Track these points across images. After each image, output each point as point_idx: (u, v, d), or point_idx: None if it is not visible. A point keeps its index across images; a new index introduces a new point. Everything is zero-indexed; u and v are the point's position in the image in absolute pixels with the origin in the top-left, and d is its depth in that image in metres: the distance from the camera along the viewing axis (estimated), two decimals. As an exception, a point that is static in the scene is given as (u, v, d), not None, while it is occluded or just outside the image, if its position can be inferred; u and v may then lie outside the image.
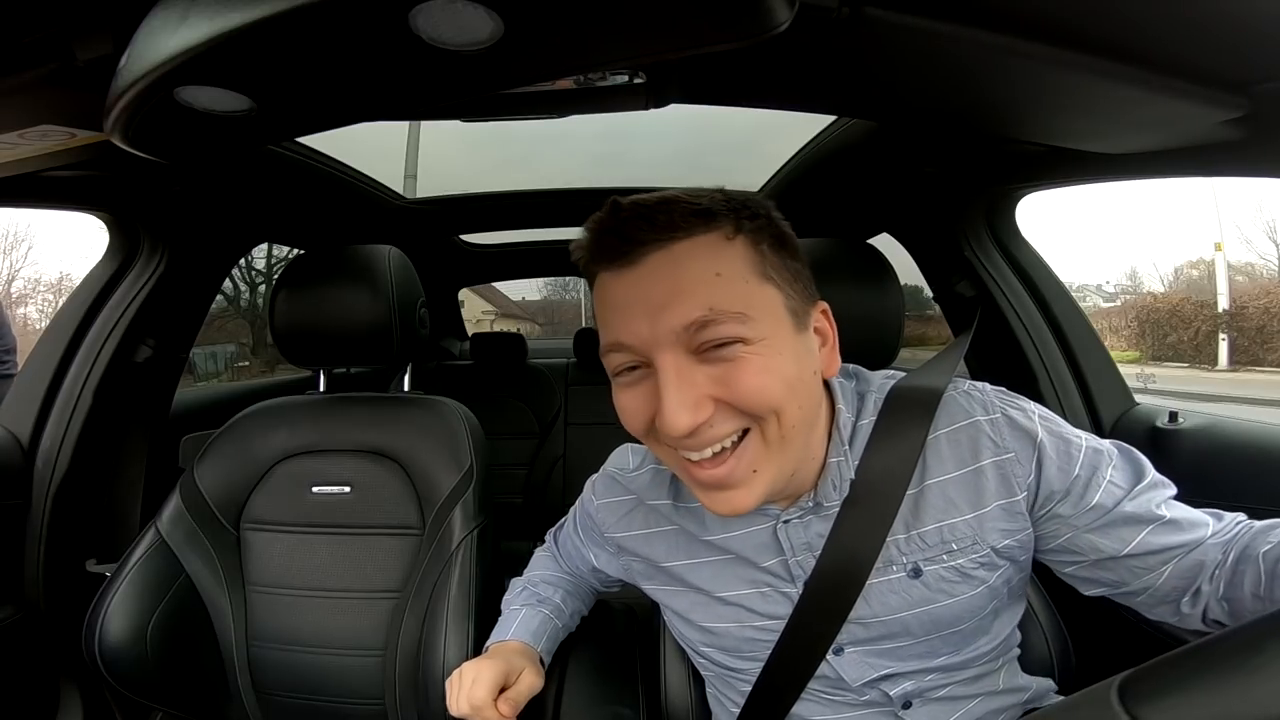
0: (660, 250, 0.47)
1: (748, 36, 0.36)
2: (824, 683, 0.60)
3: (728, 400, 0.47)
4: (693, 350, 0.46)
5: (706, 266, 0.46)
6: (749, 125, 1.35)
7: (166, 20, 0.35)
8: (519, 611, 0.75)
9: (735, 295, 0.46)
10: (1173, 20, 0.43)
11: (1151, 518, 0.52)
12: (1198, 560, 0.51)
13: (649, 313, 0.46)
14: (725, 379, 0.46)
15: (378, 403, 0.97)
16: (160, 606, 0.85)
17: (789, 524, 0.57)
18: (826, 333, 0.54)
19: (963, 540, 0.54)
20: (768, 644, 0.59)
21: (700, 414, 0.46)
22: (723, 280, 0.46)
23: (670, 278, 0.46)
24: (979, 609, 0.56)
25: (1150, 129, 0.61)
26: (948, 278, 1.20)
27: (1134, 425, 1.00)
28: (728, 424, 0.47)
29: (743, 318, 0.46)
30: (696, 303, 0.45)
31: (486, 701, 0.63)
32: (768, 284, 0.48)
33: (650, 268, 0.47)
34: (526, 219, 1.74)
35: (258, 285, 4.38)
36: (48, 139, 0.56)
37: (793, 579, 0.57)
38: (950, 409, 0.56)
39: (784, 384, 0.47)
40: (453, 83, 0.43)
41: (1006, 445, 0.54)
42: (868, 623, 0.56)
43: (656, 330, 0.46)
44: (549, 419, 2.14)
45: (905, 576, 0.55)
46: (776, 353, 0.47)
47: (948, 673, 0.59)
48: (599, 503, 0.70)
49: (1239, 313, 6.20)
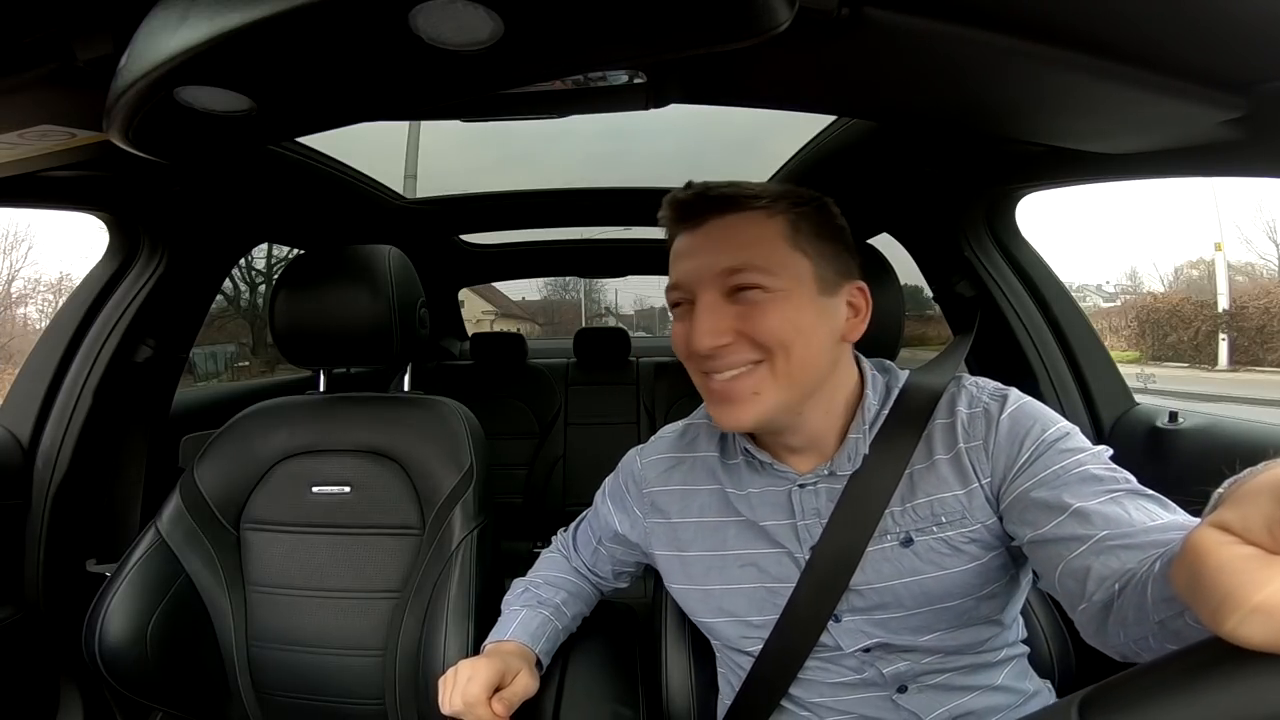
0: (717, 219, 0.60)
1: (748, 36, 0.37)
2: (822, 654, 0.62)
3: (747, 333, 0.57)
4: (725, 292, 0.58)
5: (747, 231, 0.59)
6: (749, 125, 1.36)
7: (166, 20, 0.35)
8: (519, 612, 0.75)
9: (765, 255, 0.58)
10: (1172, 20, 0.43)
11: (1060, 506, 0.51)
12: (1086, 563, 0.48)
13: (698, 260, 0.60)
14: (747, 315, 0.57)
15: (378, 403, 0.97)
16: (160, 606, 0.85)
17: (804, 489, 0.63)
18: (860, 307, 0.63)
19: (952, 514, 0.59)
20: (776, 606, 0.62)
21: (721, 339, 0.57)
22: (759, 242, 0.58)
23: (720, 238, 0.59)
24: (971, 587, 0.58)
25: (1150, 129, 0.61)
26: (948, 278, 1.21)
27: (1134, 425, 1.00)
28: (744, 353, 0.58)
29: (767, 272, 0.57)
30: (732, 255, 0.58)
31: (480, 699, 0.63)
32: (798, 253, 0.59)
33: (706, 230, 0.60)
34: (526, 219, 1.74)
35: (258, 285, 4.38)
36: (48, 139, 0.56)
37: (800, 543, 0.62)
38: (947, 404, 0.63)
39: (795, 327, 0.57)
40: (453, 83, 0.43)
41: (976, 433, 0.60)
42: (862, 590, 0.60)
43: (700, 272, 0.59)
44: (549, 419, 2.14)
45: (897, 545, 0.59)
46: (793, 303, 0.58)
47: (943, 656, 0.60)
48: (645, 460, 0.75)
49: (1239, 313, 6.20)
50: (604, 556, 0.79)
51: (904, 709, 0.61)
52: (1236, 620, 0.24)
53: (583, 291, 10.34)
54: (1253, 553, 0.25)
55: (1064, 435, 0.56)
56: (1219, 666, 0.25)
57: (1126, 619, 0.44)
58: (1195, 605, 0.27)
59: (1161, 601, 0.40)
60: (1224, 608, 0.25)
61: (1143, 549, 0.45)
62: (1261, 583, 0.24)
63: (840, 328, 0.61)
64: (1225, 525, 0.26)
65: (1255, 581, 0.24)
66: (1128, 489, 0.51)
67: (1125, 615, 0.44)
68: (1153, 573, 0.42)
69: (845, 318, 0.62)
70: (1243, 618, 0.24)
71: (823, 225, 0.61)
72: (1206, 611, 0.26)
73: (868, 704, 0.62)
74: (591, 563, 0.81)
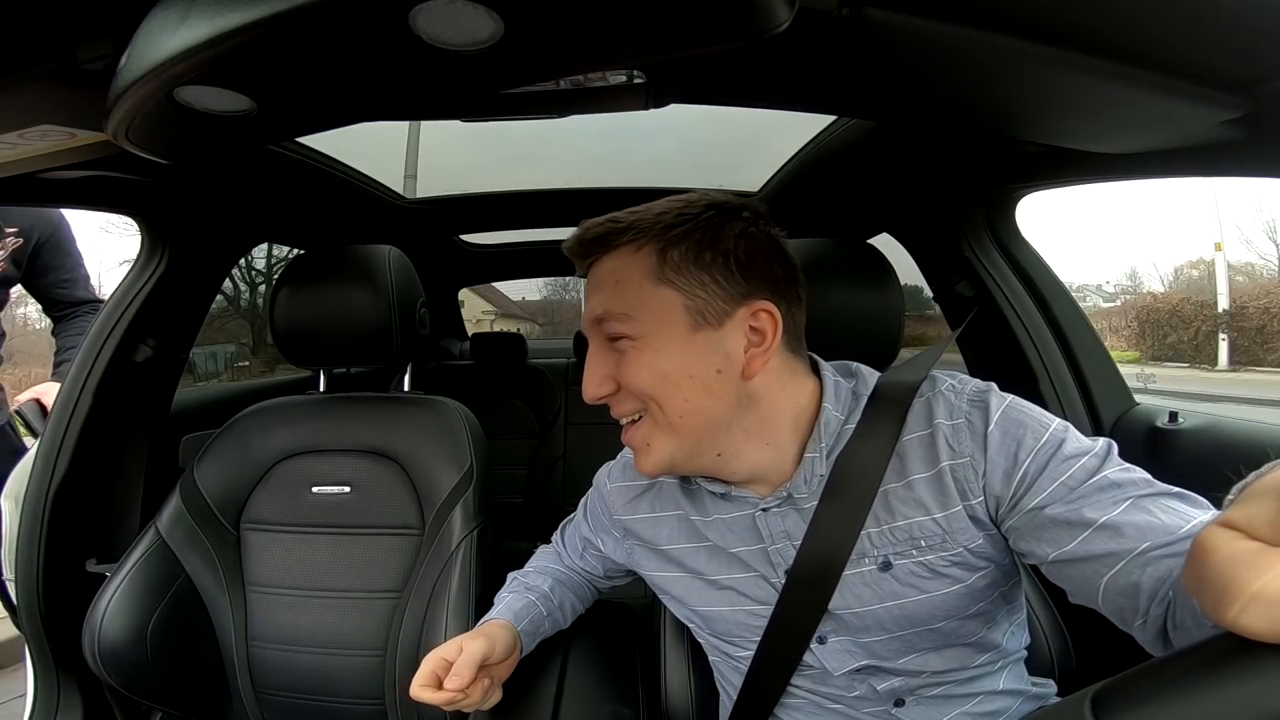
0: (596, 261, 0.59)
1: (748, 36, 0.36)
2: (811, 677, 0.61)
3: (620, 383, 0.56)
4: (604, 340, 0.57)
5: (611, 275, 0.57)
6: (749, 125, 1.35)
7: (166, 20, 0.35)
8: (505, 598, 0.76)
9: (625, 298, 0.55)
10: (1173, 20, 0.43)
11: (1084, 522, 0.47)
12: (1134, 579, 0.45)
13: (586, 306, 0.59)
14: (617, 366, 0.56)
15: (378, 403, 0.97)
16: (160, 607, 0.85)
17: (767, 513, 0.60)
18: (765, 333, 0.55)
19: (931, 538, 0.55)
20: (759, 629, 0.61)
21: (602, 389, 0.57)
22: (620, 285, 0.56)
23: (596, 283, 0.58)
24: (955, 609, 0.56)
25: (1150, 129, 0.61)
26: (948, 278, 1.20)
27: (1134, 425, 1.00)
28: (627, 403, 0.58)
29: (626, 318, 0.55)
30: (600, 302, 0.57)
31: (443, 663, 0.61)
32: (665, 287, 0.54)
33: (591, 274, 0.60)
34: (527, 219, 1.74)
35: (258, 285, 4.38)
36: (48, 139, 0.56)
37: (774, 567, 0.60)
38: (922, 411, 0.57)
39: (657, 377, 0.54)
40: (453, 83, 0.43)
41: (963, 450, 0.54)
42: (843, 615, 0.58)
43: (585, 321, 0.59)
44: (549, 419, 2.14)
45: (876, 569, 0.56)
46: (654, 350, 0.54)
47: (938, 674, 0.59)
48: (611, 486, 0.73)
49: (1239, 313, 6.21)
50: (591, 562, 0.80)
51: None
52: (1237, 609, 0.24)
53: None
54: (1256, 547, 0.25)
55: (1061, 440, 0.52)
56: (1232, 660, 0.25)
57: (1185, 624, 0.42)
58: (1202, 600, 0.28)
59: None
60: (1225, 597, 0.25)
61: (1184, 556, 0.43)
62: (1260, 572, 0.24)
63: (734, 363, 0.55)
64: (1231, 523, 0.27)
65: (1254, 571, 0.25)
66: (1147, 491, 0.48)
67: (1184, 621, 0.42)
68: None
69: (743, 349, 0.55)
70: (1243, 606, 0.24)
71: (708, 246, 0.54)
72: (1210, 604, 0.26)
73: (867, 718, 0.61)
74: (581, 562, 0.81)
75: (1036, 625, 0.74)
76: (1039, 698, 0.64)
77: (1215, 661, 0.25)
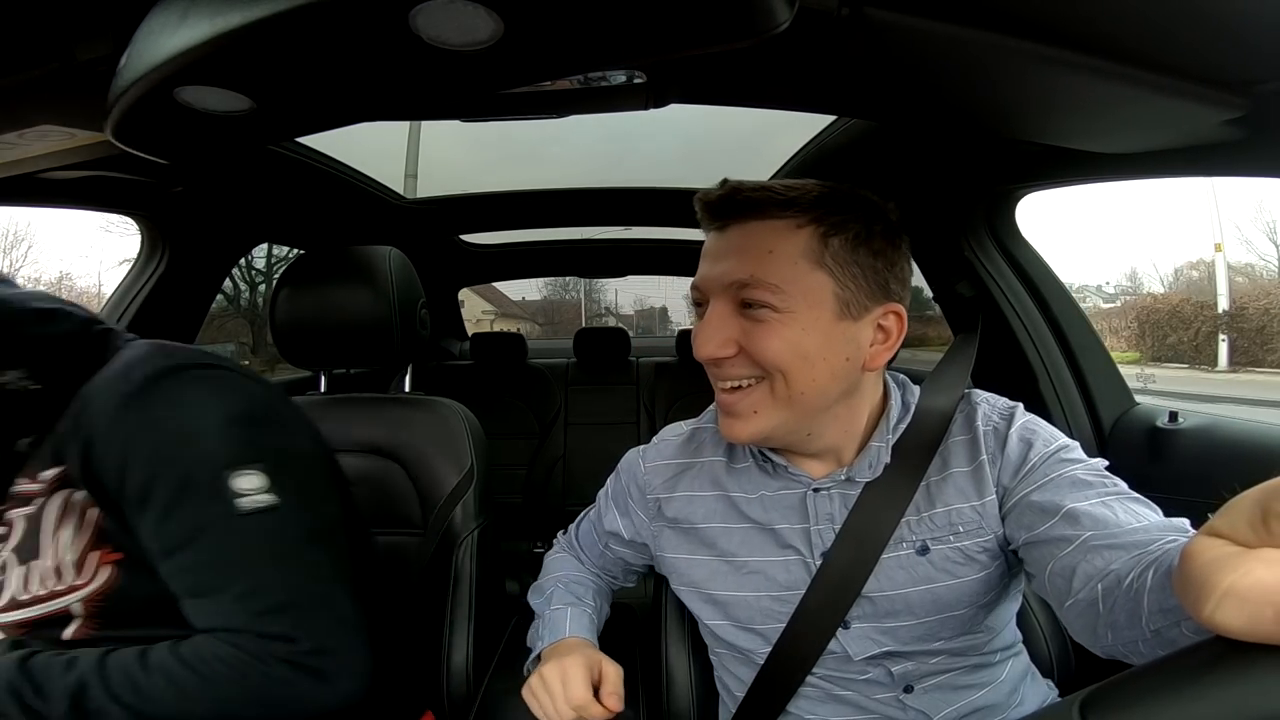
0: (740, 223, 0.57)
1: (748, 36, 0.37)
2: (830, 662, 0.61)
3: (747, 350, 0.56)
4: (736, 303, 0.56)
5: (766, 242, 0.56)
6: (749, 125, 1.36)
7: (166, 20, 0.35)
8: (564, 610, 0.72)
9: (779, 271, 0.55)
10: (1173, 20, 0.43)
11: (1055, 508, 0.53)
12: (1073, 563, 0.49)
13: (715, 266, 0.57)
14: (749, 333, 0.56)
15: (378, 403, 0.97)
16: (160, 606, 0.85)
17: (819, 493, 0.62)
18: (891, 332, 0.59)
19: (969, 524, 0.59)
20: (783, 615, 0.62)
21: (722, 350, 0.56)
22: (773, 257, 0.55)
23: (739, 245, 0.57)
24: (976, 595, 0.59)
25: (1150, 129, 0.61)
26: (948, 278, 1.21)
27: (1134, 425, 1.00)
28: (743, 368, 0.57)
29: (776, 290, 0.54)
30: (746, 267, 0.55)
31: (589, 698, 0.60)
32: (820, 271, 0.55)
33: (729, 234, 0.58)
34: (527, 219, 1.74)
35: (258, 285, 4.38)
36: (48, 139, 0.56)
37: (812, 548, 0.62)
38: (964, 419, 0.63)
39: (797, 353, 0.55)
40: (453, 83, 0.43)
41: (993, 449, 0.60)
42: (874, 597, 0.60)
43: (715, 279, 0.57)
44: (549, 419, 2.14)
45: (913, 553, 0.59)
46: (801, 328, 0.55)
47: (949, 657, 0.61)
48: (648, 465, 0.73)
49: (1239, 313, 6.21)
50: (612, 559, 0.78)
51: (912, 708, 0.61)
52: (1212, 605, 0.25)
53: (583, 291, 10.35)
54: (1235, 550, 0.26)
55: (1065, 447, 0.58)
56: (1220, 665, 0.25)
57: (1118, 622, 0.44)
58: (1184, 602, 0.28)
59: (1159, 612, 0.41)
60: (1201, 595, 0.26)
61: (1126, 549, 0.47)
62: (1233, 569, 0.25)
63: (861, 355, 0.58)
64: (1215, 531, 0.28)
65: (1228, 569, 0.25)
66: (1118, 493, 0.53)
67: (1116, 619, 0.44)
68: (1146, 582, 0.42)
69: (869, 343, 0.58)
70: (1217, 602, 0.25)
71: (863, 241, 0.57)
72: (1190, 603, 0.27)
73: (876, 704, 0.62)
74: (601, 566, 0.79)
75: (1036, 625, 0.74)
76: (1039, 697, 0.65)
77: (1204, 665, 0.25)
